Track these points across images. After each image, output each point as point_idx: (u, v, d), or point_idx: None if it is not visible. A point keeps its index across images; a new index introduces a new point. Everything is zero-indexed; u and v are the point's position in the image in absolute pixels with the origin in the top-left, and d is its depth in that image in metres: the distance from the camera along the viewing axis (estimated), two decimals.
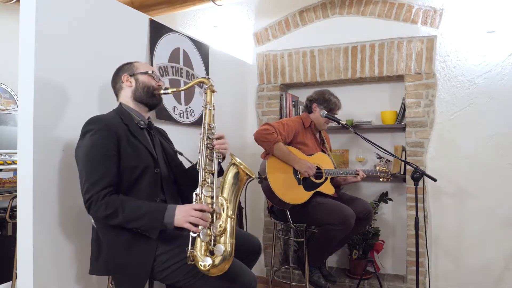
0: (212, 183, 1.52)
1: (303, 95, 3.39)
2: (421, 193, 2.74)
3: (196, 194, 1.49)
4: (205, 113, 1.66)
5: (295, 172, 2.45)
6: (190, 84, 1.72)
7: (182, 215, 1.40)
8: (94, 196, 1.40)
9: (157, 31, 2.32)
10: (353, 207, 2.39)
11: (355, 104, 3.26)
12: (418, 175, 2.25)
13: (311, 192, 2.46)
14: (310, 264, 2.51)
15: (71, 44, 1.73)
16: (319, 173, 2.53)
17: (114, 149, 1.48)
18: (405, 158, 2.89)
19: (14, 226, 2.48)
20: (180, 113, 2.50)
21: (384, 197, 3.10)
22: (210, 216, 1.43)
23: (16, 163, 2.54)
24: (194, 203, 1.47)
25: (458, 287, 2.79)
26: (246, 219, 2.84)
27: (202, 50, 2.76)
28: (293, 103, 3.32)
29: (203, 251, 1.39)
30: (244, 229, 2.84)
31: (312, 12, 3.24)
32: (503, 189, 2.68)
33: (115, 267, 1.46)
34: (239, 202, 2.85)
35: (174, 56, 2.47)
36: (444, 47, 2.83)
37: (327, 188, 2.55)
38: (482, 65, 2.74)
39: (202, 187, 1.50)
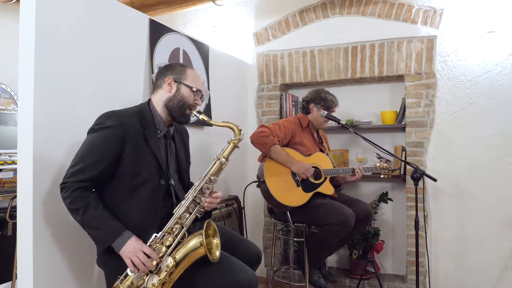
0: (177, 236, 1.45)
1: (303, 95, 3.38)
2: (421, 193, 2.74)
3: (155, 236, 1.44)
4: (214, 164, 1.57)
5: (294, 174, 2.45)
6: (220, 124, 1.64)
7: (129, 250, 1.38)
8: (69, 184, 1.41)
9: (157, 31, 2.32)
10: (353, 208, 2.39)
11: (355, 104, 3.26)
12: (418, 175, 2.25)
13: (311, 193, 2.46)
14: (310, 264, 2.51)
15: (71, 44, 1.73)
16: (318, 174, 2.53)
17: (115, 151, 1.46)
18: (405, 158, 2.89)
19: (14, 226, 2.47)
20: None
21: (384, 197, 3.10)
22: (154, 265, 1.39)
23: (16, 163, 2.54)
24: (148, 244, 1.42)
25: (458, 287, 2.79)
26: (245, 219, 2.84)
27: (202, 50, 2.76)
28: (293, 103, 3.32)
29: None
30: (244, 229, 2.84)
31: (312, 12, 3.24)
32: (503, 189, 2.68)
33: (106, 264, 1.49)
34: (239, 202, 2.86)
35: (174, 56, 2.47)
36: (444, 47, 2.83)
37: (327, 188, 2.55)
38: (482, 65, 2.74)
39: (165, 233, 1.45)
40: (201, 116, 1.62)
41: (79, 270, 1.75)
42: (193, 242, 1.43)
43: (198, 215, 1.52)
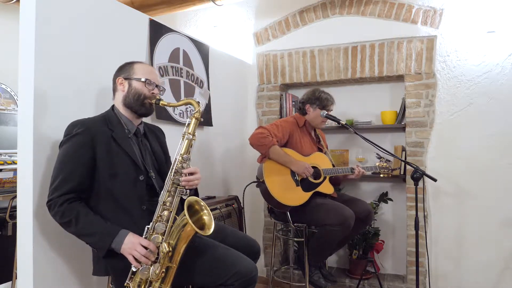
0: (167, 220, 1.47)
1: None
2: (421, 193, 2.74)
3: (148, 228, 1.46)
4: (182, 142, 1.57)
5: (293, 173, 2.45)
6: (179, 103, 1.68)
7: (128, 246, 1.40)
8: (54, 200, 1.41)
9: (157, 31, 2.32)
10: (353, 208, 2.38)
11: (355, 104, 3.26)
12: (418, 175, 2.25)
13: (310, 193, 2.46)
14: (310, 264, 2.51)
15: (71, 44, 1.73)
16: (317, 173, 2.53)
17: (87, 156, 1.47)
18: (405, 158, 2.89)
19: (14, 226, 2.47)
20: (180, 113, 2.50)
21: (384, 197, 3.10)
22: (154, 255, 1.41)
23: (16, 163, 2.54)
24: (144, 236, 1.44)
25: (458, 287, 2.79)
26: (244, 219, 2.84)
27: (202, 50, 2.76)
28: (293, 103, 3.32)
29: None
30: (244, 229, 2.84)
31: (312, 12, 3.24)
32: (503, 189, 2.68)
33: (113, 268, 1.48)
34: (239, 202, 2.85)
35: (174, 56, 2.47)
36: (444, 47, 2.83)
37: (326, 188, 2.54)
38: (482, 65, 2.74)
39: (155, 222, 1.46)
40: (161, 102, 1.64)
41: (79, 270, 1.75)
42: (181, 223, 1.44)
43: (182, 196, 1.53)
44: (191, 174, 1.55)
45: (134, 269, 1.41)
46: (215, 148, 2.94)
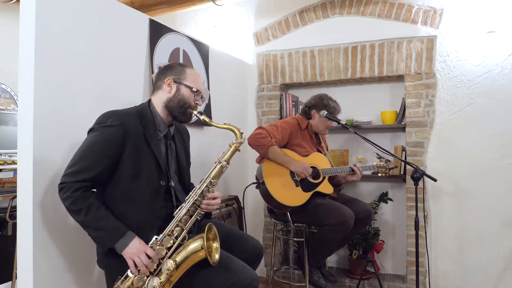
0: (177, 237, 1.46)
1: (303, 95, 3.39)
2: (421, 193, 2.74)
3: (156, 238, 1.44)
4: (215, 167, 1.57)
5: (292, 174, 2.44)
6: (221, 126, 1.63)
7: (132, 251, 1.38)
8: (68, 184, 1.39)
9: (157, 31, 2.32)
10: (353, 208, 2.38)
11: (355, 104, 3.26)
12: (418, 175, 2.25)
13: (310, 193, 2.46)
14: (310, 264, 2.51)
15: (71, 44, 1.73)
16: (316, 173, 2.52)
17: (114, 151, 1.45)
18: (405, 158, 2.89)
19: (14, 226, 2.47)
20: None
21: (384, 197, 3.10)
22: (153, 267, 1.40)
23: (16, 163, 2.54)
24: (149, 245, 1.42)
25: (458, 287, 2.79)
26: (245, 219, 2.84)
27: (202, 50, 2.76)
28: (293, 103, 3.32)
29: None
30: (244, 229, 2.84)
31: (312, 12, 3.24)
32: (503, 189, 2.68)
33: (108, 265, 1.49)
34: (239, 202, 2.86)
35: (174, 56, 2.47)
36: (444, 47, 2.83)
37: (326, 188, 2.54)
38: (482, 65, 2.74)
39: (165, 236, 1.45)
40: (202, 117, 1.61)
41: (79, 270, 1.75)
42: (194, 245, 1.43)
43: (198, 217, 1.53)
44: (213, 198, 1.55)
45: (130, 274, 1.40)
46: (215, 148, 2.93)
